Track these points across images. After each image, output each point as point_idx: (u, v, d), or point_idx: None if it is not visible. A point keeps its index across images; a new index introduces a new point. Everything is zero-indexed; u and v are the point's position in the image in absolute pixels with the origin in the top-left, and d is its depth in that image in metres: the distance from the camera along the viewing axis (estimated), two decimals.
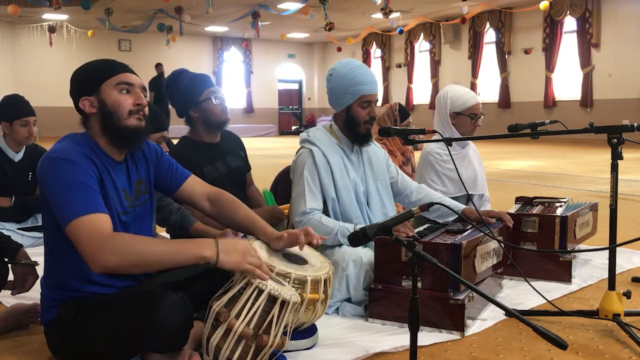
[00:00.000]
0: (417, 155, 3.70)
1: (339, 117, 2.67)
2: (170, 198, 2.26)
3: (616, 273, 2.26)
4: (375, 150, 2.81)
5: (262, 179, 3.32)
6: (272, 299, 1.75)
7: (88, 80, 1.91)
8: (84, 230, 1.69)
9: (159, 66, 14.46)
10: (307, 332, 2.09)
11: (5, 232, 2.81)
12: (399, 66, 20.27)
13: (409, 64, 19.59)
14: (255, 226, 2.06)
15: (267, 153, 11.83)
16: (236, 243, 1.80)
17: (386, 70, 20.74)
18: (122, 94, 1.88)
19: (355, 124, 2.62)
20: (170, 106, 2.98)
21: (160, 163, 2.06)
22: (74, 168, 1.76)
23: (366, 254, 2.46)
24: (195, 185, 2.12)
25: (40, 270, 2.12)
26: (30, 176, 4.00)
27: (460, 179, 2.63)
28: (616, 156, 2.16)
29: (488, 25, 16.80)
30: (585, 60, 14.62)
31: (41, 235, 3.84)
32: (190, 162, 2.83)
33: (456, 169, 2.60)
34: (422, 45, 19.54)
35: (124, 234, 1.78)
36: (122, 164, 1.94)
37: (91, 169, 1.80)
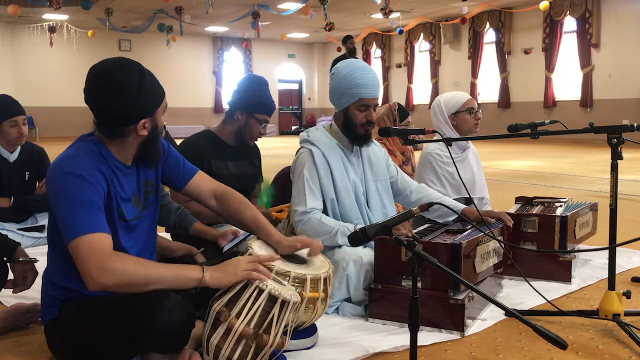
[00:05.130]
0: (417, 155, 3.70)
1: (338, 116, 2.67)
2: (175, 193, 2.26)
3: (616, 273, 2.26)
4: (375, 149, 2.81)
5: None
6: (272, 299, 1.75)
7: (148, 103, 1.83)
8: (83, 250, 1.70)
9: (349, 40, 10.68)
10: (307, 331, 2.09)
11: (5, 233, 2.81)
12: (399, 66, 20.27)
13: (409, 64, 19.59)
14: (260, 229, 2.07)
15: (267, 153, 11.80)
16: (226, 262, 1.84)
17: (386, 70, 20.73)
18: (163, 117, 1.91)
19: (352, 125, 2.61)
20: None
21: (168, 159, 2.07)
22: (83, 184, 1.75)
23: (366, 254, 2.46)
24: (202, 182, 2.13)
25: (40, 268, 2.13)
26: (27, 176, 3.97)
27: (462, 180, 2.64)
28: (616, 156, 2.16)
29: (488, 25, 16.79)
30: (585, 60, 14.62)
31: (41, 235, 3.85)
32: (202, 151, 2.93)
33: (457, 171, 2.61)
34: (422, 45, 19.54)
35: (124, 256, 1.78)
36: (132, 168, 1.94)
37: (100, 184, 1.79)
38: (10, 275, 2.29)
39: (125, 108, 1.78)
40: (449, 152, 2.61)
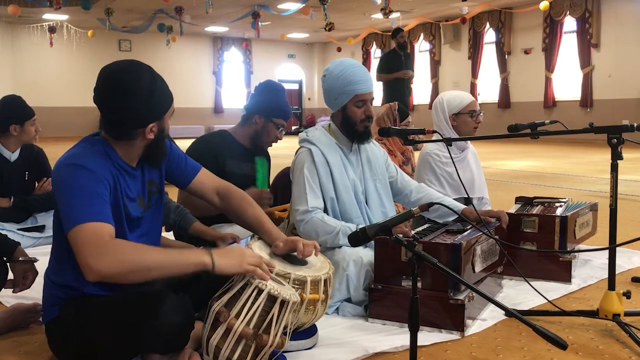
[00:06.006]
0: (417, 155, 3.70)
1: (336, 117, 2.67)
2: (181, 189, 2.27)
3: (616, 273, 2.26)
4: (374, 149, 2.81)
5: None
6: (271, 299, 1.75)
7: (158, 107, 1.84)
8: (83, 238, 1.69)
9: (399, 34, 9.23)
10: (307, 332, 2.09)
11: (5, 233, 2.81)
12: None
13: None
14: (261, 227, 2.08)
15: None
16: (231, 249, 1.84)
17: None
18: (169, 120, 1.92)
19: (351, 123, 2.61)
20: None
21: (170, 159, 2.07)
22: (88, 175, 1.75)
23: (367, 254, 2.46)
24: (205, 179, 2.14)
25: (41, 267, 2.13)
26: (27, 176, 3.99)
27: (461, 180, 2.64)
28: (616, 156, 2.16)
29: (488, 25, 16.79)
30: (585, 61, 14.61)
31: (41, 235, 3.85)
32: (218, 149, 3.00)
33: (457, 170, 2.61)
34: (422, 46, 19.53)
35: (123, 242, 1.76)
36: (137, 169, 1.94)
37: (106, 179, 1.79)
38: (10, 275, 2.29)
39: (136, 111, 1.78)
40: (449, 152, 2.61)
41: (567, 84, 15.32)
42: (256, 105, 3.06)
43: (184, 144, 3.11)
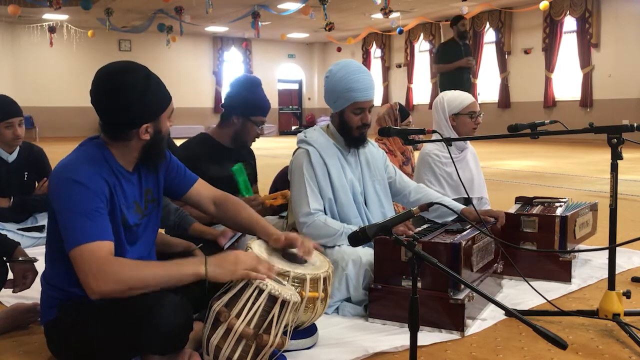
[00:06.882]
0: (417, 155, 3.70)
1: (334, 117, 2.66)
2: (176, 199, 2.26)
3: (616, 273, 2.26)
4: (372, 149, 2.80)
5: (261, 179, 3.32)
6: (272, 299, 1.75)
7: (152, 107, 1.83)
8: (83, 259, 1.70)
9: (460, 22, 8.10)
10: (307, 331, 2.09)
11: (5, 233, 2.81)
12: (399, 66, 20.27)
13: (409, 64, 19.59)
14: (257, 227, 2.09)
15: (266, 153, 11.81)
16: (226, 255, 1.81)
17: (386, 70, 20.73)
18: (168, 122, 1.90)
19: (347, 128, 2.60)
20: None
21: (169, 168, 2.07)
22: (84, 193, 1.75)
23: (365, 253, 2.46)
24: (202, 189, 2.14)
25: (40, 268, 2.13)
26: (26, 176, 3.96)
27: (461, 180, 2.64)
28: (616, 156, 2.16)
29: (488, 25, 16.81)
30: (585, 60, 14.62)
31: (41, 235, 3.84)
32: (198, 155, 2.92)
33: (457, 170, 2.61)
34: (422, 45, 19.54)
35: (121, 260, 1.77)
36: (134, 174, 1.94)
37: (102, 191, 1.79)
38: (10, 275, 2.29)
39: (128, 111, 1.78)
40: (449, 152, 2.61)
41: (567, 84, 15.34)
42: (232, 105, 2.97)
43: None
